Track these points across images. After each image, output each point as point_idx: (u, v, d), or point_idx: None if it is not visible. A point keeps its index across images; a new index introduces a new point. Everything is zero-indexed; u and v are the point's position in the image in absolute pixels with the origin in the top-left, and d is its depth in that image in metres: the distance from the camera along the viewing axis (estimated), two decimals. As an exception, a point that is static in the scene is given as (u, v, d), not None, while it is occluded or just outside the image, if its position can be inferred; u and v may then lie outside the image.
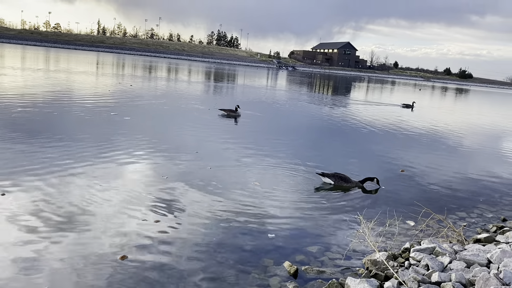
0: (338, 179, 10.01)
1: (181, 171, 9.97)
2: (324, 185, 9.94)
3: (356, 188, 10.00)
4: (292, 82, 66.31)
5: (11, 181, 8.13)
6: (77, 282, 5.04)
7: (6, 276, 5.02)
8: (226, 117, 19.42)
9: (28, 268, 5.23)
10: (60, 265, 5.37)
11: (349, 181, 10.08)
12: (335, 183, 9.96)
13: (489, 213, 9.09)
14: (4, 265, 5.24)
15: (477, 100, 67.38)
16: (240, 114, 20.08)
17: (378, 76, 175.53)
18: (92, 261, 5.53)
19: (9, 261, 5.34)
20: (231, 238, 6.67)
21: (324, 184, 10.00)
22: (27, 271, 5.17)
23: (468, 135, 21.54)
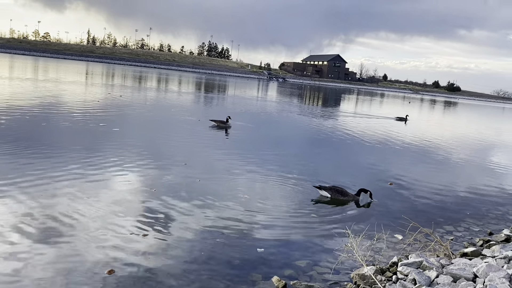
0: (335, 192, 10.03)
1: (170, 184, 9.93)
2: (321, 198, 9.97)
3: (350, 201, 10.03)
4: (282, 93, 66.64)
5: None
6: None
7: (-10, 291, 4.94)
8: (217, 128, 19.43)
9: (12, 282, 5.15)
10: (46, 279, 5.29)
11: (346, 194, 10.11)
12: (332, 196, 9.98)
13: (475, 226, 9.18)
14: (-12, 280, 5.15)
15: (467, 113, 68.24)
16: (230, 125, 20.07)
17: (367, 88, 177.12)
18: (78, 275, 5.47)
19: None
20: (219, 252, 6.64)
21: (321, 197, 10.03)
22: (12, 284, 5.09)
23: (457, 148, 21.78)
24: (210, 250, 6.65)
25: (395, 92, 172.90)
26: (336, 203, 9.75)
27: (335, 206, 9.60)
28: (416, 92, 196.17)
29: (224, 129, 19.51)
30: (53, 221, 7.08)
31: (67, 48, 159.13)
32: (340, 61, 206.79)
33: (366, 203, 10.03)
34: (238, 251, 6.72)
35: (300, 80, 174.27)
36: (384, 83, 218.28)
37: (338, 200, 9.93)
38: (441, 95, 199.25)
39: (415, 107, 67.50)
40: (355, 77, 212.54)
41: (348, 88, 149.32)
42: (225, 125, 19.96)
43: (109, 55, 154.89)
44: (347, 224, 8.16)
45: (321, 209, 9.23)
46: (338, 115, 35.02)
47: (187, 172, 11.06)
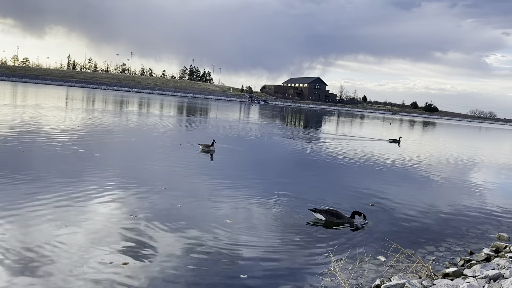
0: (330, 215, 10.06)
1: (151, 210, 9.78)
2: (316, 221, 9.98)
3: (345, 223, 10.07)
4: (264, 116, 67.04)
5: (-30, 223, 7.78)
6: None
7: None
8: (202, 152, 19.30)
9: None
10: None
11: (341, 217, 10.14)
12: (327, 219, 10.00)
13: (456, 246, 9.25)
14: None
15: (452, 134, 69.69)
16: (214, 149, 19.91)
17: (348, 110, 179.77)
18: (54, 309, 5.28)
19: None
20: (201, 279, 6.52)
21: (316, 220, 10.03)
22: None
23: (442, 168, 22.07)
24: (192, 278, 6.52)
25: (375, 113, 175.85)
26: (320, 226, 9.74)
27: (318, 229, 9.57)
28: (395, 113, 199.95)
29: (208, 153, 19.39)
30: (30, 251, 6.88)
31: (47, 73, 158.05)
32: (320, 84, 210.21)
33: (360, 225, 10.08)
34: (220, 278, 6.62)
35: (281, 102, 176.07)
36: (364, 105, 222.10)
37: (333, 223, 9.95)
38: (420, 115, 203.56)
39: (403, 128, 68.64)
40: (335, 99, 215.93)
41: (329, 110, 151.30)
42: (209, 149, 19.85)
43: (90, 80, 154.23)
44: (330, 247, 8.14)
45: (303, 233, 9.19)
46: (328, 138, 35.11)
47: (167, 198, 10.93)
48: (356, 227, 9.97)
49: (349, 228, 9.88)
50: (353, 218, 10.26)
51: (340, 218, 10.11)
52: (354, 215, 10.29)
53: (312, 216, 10.28)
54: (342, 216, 10.17)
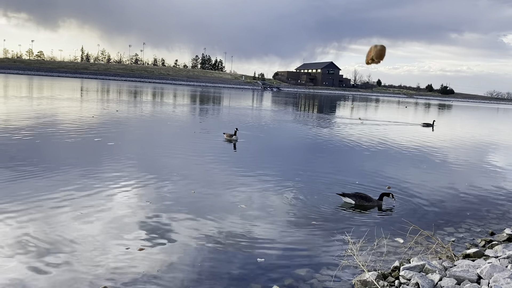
0: (359, 198, 10.00)
1: (165, 196, 9.80)
2: (345, 205, 9.94)
3: (374, 206, 10.02)
4: (278, 103, 66.72)
5: (-11, 212, 7.89)
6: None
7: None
8: (225, 141, 18.90)
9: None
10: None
11: (370, 200, 10.07)
12: (357, 202, 9.94)
13: (477, 227, 9.07)
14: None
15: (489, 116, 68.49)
16: (236, 138, 19.31)
17: (362, 94, 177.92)
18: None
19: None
20: (218, 264, 6.50)
21: (345, 204, 9.99)
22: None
23: (471, 151, 21.72)
24: (208, 262, 6.51)
25: (389, 97, 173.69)
26: (335, 209, 9.64)
27: (334, 212, 9.47)
28: (410, 96, 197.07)
29: (231, 142, 18.88)
30: (48, 239, 6.94)
31: (61, 66, 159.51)
32: (333, 68, 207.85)
33: (387, 207, 10.04)
34: (237, 262, 6.59)
35: (294, 89, 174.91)
36: (378, 89, 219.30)
37: (362, 206, 9.89)
38: (435, 98, 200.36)
39: (431, 112, 67.61)
40: (349, 84, 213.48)
41: (343, 95, 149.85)
42: (231, 138, 19.32)
43: (104, 71, 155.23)
44: (347, 229, 8.04)
45: (320, 216, 9.10)
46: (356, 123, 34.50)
47: (182, 185, 10.93)
48: (375, 209, 9.85)
49: (367, 210, 9.76)
50: (381, 200, 10.16)
51: (369, 201, 10.03)
52: (382, 197, 10.19)
53: (335, 200, 10.22)
54: (371, 199, 10.09)
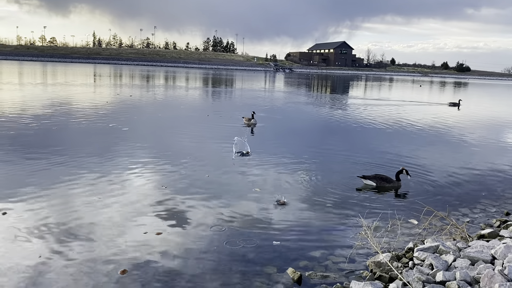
0: (380, 180, 10.07)
1: (180, 180, 9.94)
2: (365, 187, 10.02)
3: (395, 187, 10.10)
4: (291, 84, 66.35)
5: (12, 198, 8.11)
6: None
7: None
8: (243, 126, 18.75)
9: (31, 283, 5.20)
10: (61, 281, 5.33)
11: (390, 181, 10.14)
12: (378, 184, 10.01)
13: (491, 207, 9.04)
14: (9, 281, 5.20)
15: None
16: (255, 122, 19.07)
17: (375, 73, 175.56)
18: (92, 276, 5.50)
19: (13, 276, 5.31)
20: (234, 246, 6.62)
21: (365, 186, 10.06)
22: (31, 285, 5.15)
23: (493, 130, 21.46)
24: (225, 245, 6.64)
25: (403, 76, 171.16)
26: (350, 191, 9.68)
27: (348, 194, 9.52)
28: (425, 75, 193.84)
29: (249, 127, 18.61)
30: (67, 224, 7.13)
31: (74, 51, 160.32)
32: (346, 48, 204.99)
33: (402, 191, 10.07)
34: (253, 245, 6.70)
35: (307, 69, 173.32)
36: (392, 68, 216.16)
37: (383, 188, 9.97)
38: (451, 76, 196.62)
39: (448, 90, 66.64)
40: (362, 63, 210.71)
41: (356, 75, 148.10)
42: (250, 122, 19.03)
43: (116, 56, 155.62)
44: (361, 212, 8.09)
45: (334, 198, 9.15)
46: (381, 104, 34.09)
47: (196, 168, 11.06)
48: (389, 191, 9.87)
49: (380, 192, 9.79)
50: (399, 181, 10.20)
51: (390, 182, 10.09)
52: (398, 176, 10.24)
53: (350, 182, 10.28)
54: (391, 180, 10.14)
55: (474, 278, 5.13)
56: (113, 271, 5.67)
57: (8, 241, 6.39)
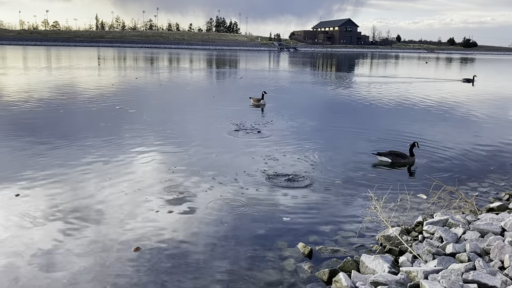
0: (395, 156, 10.13)
1: (188, 161, 10.00)
2: (380, 163, 10.09)
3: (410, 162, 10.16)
4: (296, 63, 65.84)
5: (24, 180, 8.23)
6: (92, 274, 5.11)
7: (28, 271, 5.11)
8: (252, 107, 18.61)
9: (46, 263, 5.32)
10: (75, 259, 5.44)
11: (405, 156, 10.20)
12: (393, 160, 10.07)
13: (500, 181, 9.03)
14: (24, 261, 5.32)
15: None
16: (264, 103, 18.87)
17: (381, 51, 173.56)
18: (106, 254, 5.60)
19: (28, 257, 5.43)
20: (244, 223, 6.70)
21: (380, 162, 10.12)
22: (46, 266, 5.26)
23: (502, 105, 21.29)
24: (235, 222, 6.71)
25: (409, 53, 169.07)
26: (358, 167, 9.70)
27: (357, 170, 9.55)
28: (431, 51, 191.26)
29: (259, 107, 18.45)
30: (80, 204, 7.24)
31: (77, 35, 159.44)
32: (351, 26, 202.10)
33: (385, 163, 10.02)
34: (263, 222, 6.77)
35: (311, 48, 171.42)
36: (397, 45, 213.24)
37: (399, 163, 10.03)
38: (457, 52, 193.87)
39: (466, 67, 65.88)
40: (368, 41, 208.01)
41: (361, 53, 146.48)
42: (259, 103, 18.84)
43: (119, 39, 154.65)
44: (370, 187, 8.12)
45: (343, 175, 9.19)
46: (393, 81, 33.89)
47: (203, 149, 11.11)
48: (397, 166, 9.89)
49: (389, 168, 9.81)
50: (413, 156, 10.26)
51: (405, 158, 10.15)
52: (412, 151, 10.29)
53: (359, 159, 10.31)
54: (406, 156, 10.20)
55: (484, 250, 5.17)
56: (127, 249, 5.77)
57: (22, 222, 6.50)
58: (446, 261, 4.94)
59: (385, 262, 5.01)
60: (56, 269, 5.22)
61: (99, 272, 5.20)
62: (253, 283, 5.04)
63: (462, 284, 4.22)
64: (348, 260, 5.32)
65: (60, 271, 5.18)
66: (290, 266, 5.44)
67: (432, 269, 4.72)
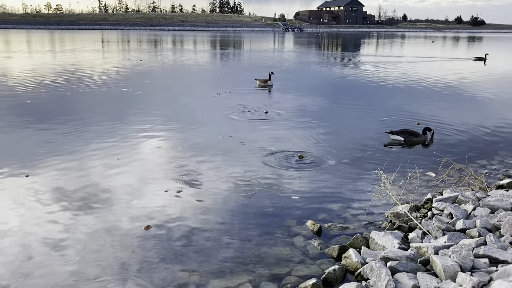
0: (408, 134, 10.10)
1: (196, 141, 10.00)
2: (393, 142, 10.07)
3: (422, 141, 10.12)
4: (301, 44, 65.21)
5: (33, 162, 8.27)
6: (103, 253, 5.16)
7: (39, 252, 5.17)
8: (258, 88, 18.42)
9: (57, 243, 5.37)
10: (86, 238, 5.48)
11: (418, 135, 10.16)
12: (406, 139, 10.03)
13: (510, 158, 8.96)
14: (36, 242, 5.38)
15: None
16: (272, 83, 18.60)
17: (387, 30, 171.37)
18: (117, 233, 5.64)
19: (40, 238, 5.48)
20: (253, 202, 6.72)
21: (393, 141, 10.10)
22: (57, 246, 5.31)
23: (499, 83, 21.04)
24: (243, 201, 6.73)
25: (416, 32, 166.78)
26: (366, 145, 9.66)
27: (364, 148, 9.51)
28: (438, 30, 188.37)
29: (266, 88, 18.22)
30: (90, 185, 7.28)
31: (80, 18, 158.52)
32: (357, 5, 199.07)
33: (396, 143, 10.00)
34: (272, 201, 6.78)
35: (316, 28, 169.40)
36: (404, 24, 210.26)
37: (411, 142, 10.00)
38: (465, 31, 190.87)
39: (475, 46, 65.00)
40: (373, 20, 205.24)
41: (367, 32, 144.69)
42: (266, 84, 18.54)
43: (122, 22, 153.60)
44: (378, 165, 8.08)
45: (351, 153, 9.16)
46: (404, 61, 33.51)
47: (210, 130, 11.10)
48: (409, 145, 9.86)
49: (398, 146, 9.77)
50: (425, 135, 10.23)
51: (417, 136, 10.10)
52: (425, 131, 10.24)
53: (368, 137, 10.29)
54: (419, 134, 10.16)
55: (495, 226, 5.16)
56: (137, 227, 5.82)
57: (32, 202, 6.56)
58: (457, 237, 4.94)
59: (395, 239, 5.02)
60: (67, 248, 5.28)
61: (110, 250, 5.24)
62: (262, 260, 5.07)
63: (473, 259, 4.22)
64: (358, 236, 5.33)
65: (71, 249, 5.23)
66: (299, 243, 5.46)
67: (442, 244, 4.72)
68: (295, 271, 4.83)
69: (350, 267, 4.72)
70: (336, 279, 4.55)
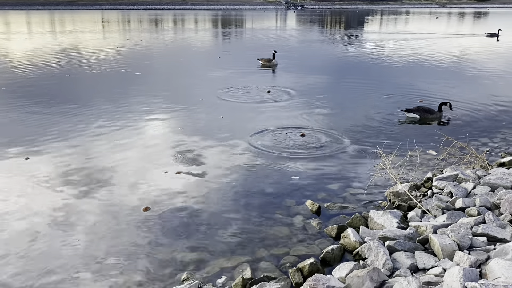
0: (423, 112, 10.10)
1: (196, 123, 9.97)
2: (408, 119, 10.10)
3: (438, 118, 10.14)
4: (304, 22, 64.30)
5: (33, 144, 8.28)
6: (103, 234, 5.19)
7: (43, 232, 5.20)
8: (261, 68, 18.17)
9: (59, 224, 5.40)
10: (86, 219, 5.52)
11: (433, 112, 10.16)
12: (421, 116, 10.04)
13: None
14: (39, 223, 5.41)
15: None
16: (276, 63, 18.38)
17: (391, 7, 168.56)
18: (116, 214, 5.67)
19: (42, 219, 5.51)
20: (253, 183, 6.71)
21: (408, 118, 10.12)
22: (59, 226, 5.34)
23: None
24: (243, 182, 6.73)
25: (420, 8, 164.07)
26: (366, 125, 9.60)
27: (363, 127, 9.46)
28: (443, 6, 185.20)
29: (270, 68, 18.00)
30: (90, 166, 7.29)
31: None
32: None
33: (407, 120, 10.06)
34: (272, 181, 6.77)
35: (319, 6, 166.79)
36: (408, 0, 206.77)
37: (427, 119, 10.02)
38: (470, 6, 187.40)
39: (479, 21, 63.95)
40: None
41: (371, 9, 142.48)
42: (270, 63, 18.32)
43: (122, 1, 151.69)
44: (378, 144, 8.05)
45: (350, 132, 9.10)
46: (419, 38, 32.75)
47: (210, 111, 11.04)
48: (407, 123, 9.78)
49: (398, 124, 9.70)
50: (441, 111, 10.21)
51: (433, 114, 10.09)
52: (441, 107, 10.23)
53: (371, 115, 10.25)
54: (434, 111, 10.14)
55: (494, 204, 5.13)
56: (136, 209, 5.83)
57: (33, 184, 6.58)
58: (456, 215, 4.92)
59: (393, 218, 5.01)
60: (68, 230, 5.31)
61: (110, 231, 5.27)
62: (262, 239, 5.08)
63: (471, 238, 4.21)
64: (356, 216, 5.33)
65: (72, 232, 5.26)
66: (298, 223, 5.46)
67: (441, 223, 4.71)
68: (293, 250, 4.85)
69: (348, 246, 4.72)
70: (334, 259, 4.56)
